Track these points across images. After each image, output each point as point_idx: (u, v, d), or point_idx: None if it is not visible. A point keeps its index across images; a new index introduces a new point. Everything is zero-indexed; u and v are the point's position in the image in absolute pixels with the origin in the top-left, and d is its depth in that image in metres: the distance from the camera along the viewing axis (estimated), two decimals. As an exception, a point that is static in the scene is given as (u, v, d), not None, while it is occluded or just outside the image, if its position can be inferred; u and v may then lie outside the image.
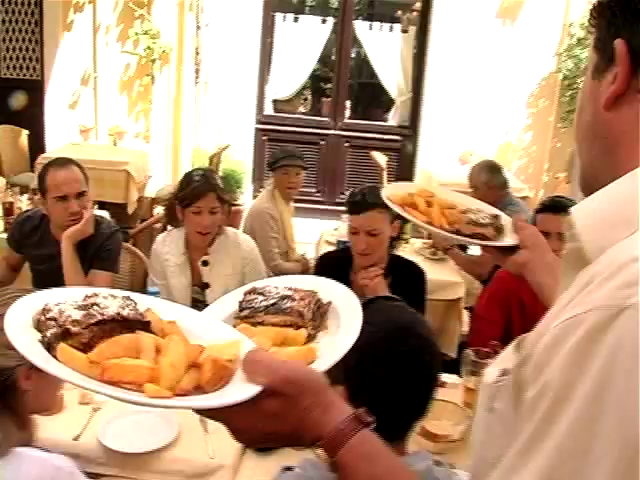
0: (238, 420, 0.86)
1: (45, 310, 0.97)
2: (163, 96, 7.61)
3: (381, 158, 7.43)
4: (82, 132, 7.41)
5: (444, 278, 4.35)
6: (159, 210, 6.88)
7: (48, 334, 0.93)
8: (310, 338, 1.10)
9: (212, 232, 3.28)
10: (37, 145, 7.43)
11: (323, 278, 1.24)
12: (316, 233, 5.62)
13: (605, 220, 0.79)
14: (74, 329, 0.94)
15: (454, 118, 7.63)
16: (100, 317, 0.97)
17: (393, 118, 8.44)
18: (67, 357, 0.91)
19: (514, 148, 7.88)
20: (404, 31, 8.05)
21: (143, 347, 0.94)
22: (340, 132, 8.28)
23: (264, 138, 8.18)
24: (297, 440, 0.88)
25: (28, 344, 0.91)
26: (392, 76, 8.21)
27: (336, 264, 3.14)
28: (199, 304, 3.23)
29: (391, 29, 8.04)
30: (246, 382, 0.87)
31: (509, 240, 1.52)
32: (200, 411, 0.90)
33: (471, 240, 1.54)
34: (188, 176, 3.33)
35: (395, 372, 1.50)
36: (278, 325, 1.11)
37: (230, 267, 3.36)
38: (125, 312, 1.00)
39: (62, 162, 3.21)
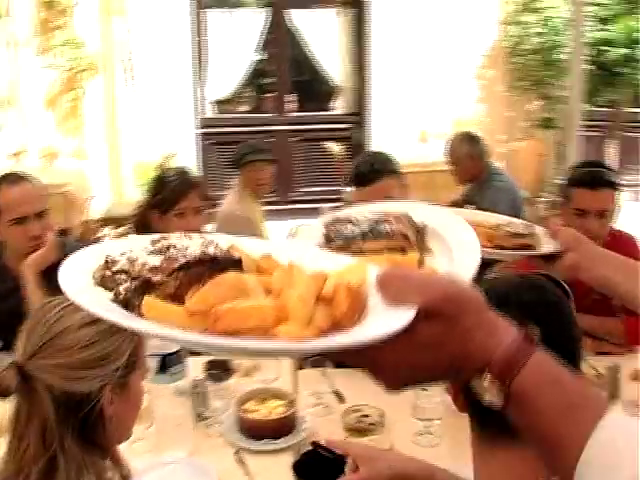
0: (388, 356, 0.69)
1: (109, 263, 0.78)
2: (95, 109, 7.10)
3: (336, 148, 7.14)
4: (12, 157, 6.84)
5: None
6: (107, 231, 6.43)
7: (122, 290, 0.74)
8: (421, 262, 0.96)
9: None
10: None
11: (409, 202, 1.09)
12: (274, 236, 5.23)
13: None
14: (156, 278, 0.75)
15: (404, 98, 7.38)
16: (185, 260, 0.77)
17: (340, 106, 8.11)
18: (157, 312, 0.70)
19: (468, 122, 7.65)
20: (342, 15, 7.72)
21: (249, 287, 0.73)
22: (287, 127, 7.93)
23: (208, 142, 7.75)
24: (457, 371, 0.72)
25: (101, 304, 0.72)
26: (335, 63, 7.89)
27: None
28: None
29: (328, 14, 7.71)
30: (390, 306, 0.69)
31: (551, 246, 1.41)
32: (336, 356, 0.72)
33: (516, 252, 1.42)
34: (161, 178, 2.91)
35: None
36: (381, 252, 0.96)
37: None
38: (211, 251, 0.79)
39: (14, 178, 2.72)
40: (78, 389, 1.28)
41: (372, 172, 2.71)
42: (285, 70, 7.85)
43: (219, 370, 2.38)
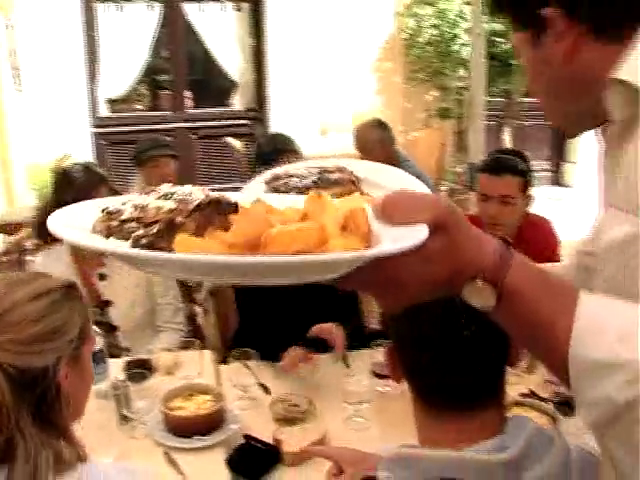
0: (402, 272, 0.74)
1: (111, 214, 0.76)
2: (-20, 111, 6.73)
3: (237, 143, 7.06)
4: None
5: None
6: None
7: (141, 235, 0.72)
8: None
9: None
10: None
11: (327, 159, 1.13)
12: None
13: None
14: (178, 219, 0.74)
15: (303, 92, 7.39)
16: (198, 200, 0.77)
17: (238, 102, 8.02)
18: (194, 248, 0.70)
19: (367, 114, 7.72)
20: (237, 9, 7.63)
21: (271, 220, 0.75)
22: (185, 124, 7.76)
23: (103, 142, 7.49)
24: (452, 283, 0.78)
25: (129, 249, 0.72)
26: (232, 58, 7.78)
27: None
28: (102, 327, 2.70)
29: (223, 9, 7.58)
30: (402, 224, 0.73)
31: None
32: (352, 279, 0.72)
33: None
34: (66, 175, 2.81)
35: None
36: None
37: (134, 277, 2.84)
38: (213, 195, 0.80)
39: None
40: (33, 364, 1.21)
41: (275, 151, 2.82)
42: (182, 66, 7.67)
43: (140, 369, 2.30)
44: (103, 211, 0.77)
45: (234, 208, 0.80)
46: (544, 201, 7.28)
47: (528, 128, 8.17)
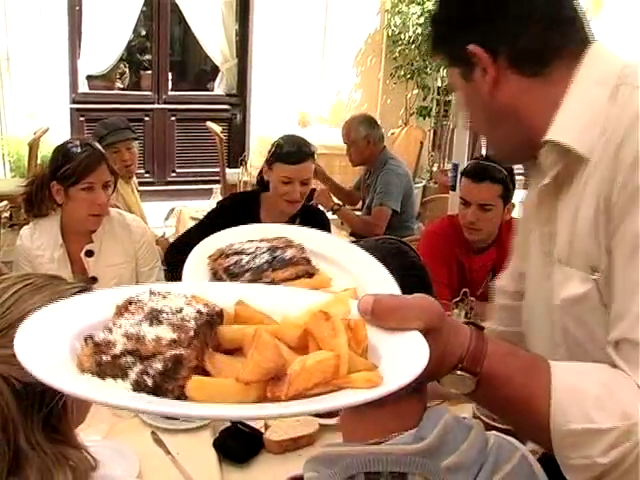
0: None
1: (99, 346, 0.67)
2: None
3: (216, 129, 7.05)
4: None
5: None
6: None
7: (141, 372, 0.65)
8: (329, 282, 0.98)
9: (106, 212, 2.79)
10: None
11: (267, 224, 1.14)
12: (153, 217, 5.11)
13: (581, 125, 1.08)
14: (182, 352, 0.66)
15: (284, 81, 7.41)
16: (195, 325, 0.69)
17: (219, 87, 8.01)
18: (209, 390, 0.65)
19: (346, 107, 7.78)
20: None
21: (281, 349, 0.70)
22: (164, 106, 7.74)
23: (82, 119, 7.43)
24: (435, 374, 0.85)
25: (123, 397, 0.64)
26: (215, 43, 7.75)
27: (243, 203, 3.23)
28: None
29: (210, -8, 7.54)
30: (389, 332, 0.77)
31: None
32: None
33: None
34: (64, 149, 2.77)
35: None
36: (290, 279, 0.96)
37: (121, 254, 2.87)
38: (202, 308, 0.72)
39: None
40: None
41: (299, 154, 3.02)
42: (164, 47, 7.62)
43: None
44: (87, 341, 0.68)
45: (221, 318, 0.75)
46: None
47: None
